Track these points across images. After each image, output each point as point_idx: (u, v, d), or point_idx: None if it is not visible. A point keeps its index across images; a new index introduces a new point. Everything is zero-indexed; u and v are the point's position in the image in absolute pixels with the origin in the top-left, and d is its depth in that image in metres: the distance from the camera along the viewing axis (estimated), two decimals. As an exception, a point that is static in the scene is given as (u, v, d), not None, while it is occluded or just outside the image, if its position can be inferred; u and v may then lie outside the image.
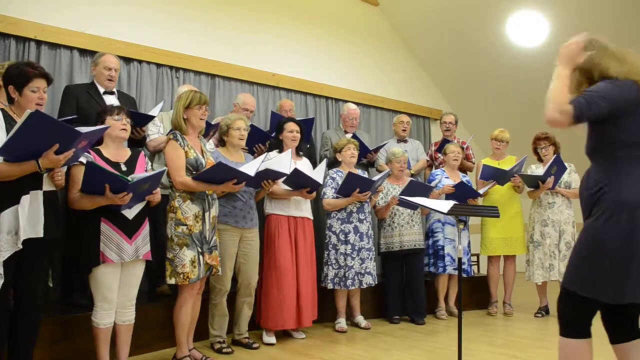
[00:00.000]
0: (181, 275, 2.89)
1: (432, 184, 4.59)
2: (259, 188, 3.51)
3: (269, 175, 3.37)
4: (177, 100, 3.14)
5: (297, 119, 4.50)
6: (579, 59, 1.89)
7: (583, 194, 1.94)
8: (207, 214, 3.02)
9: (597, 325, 1.93)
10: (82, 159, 2.57)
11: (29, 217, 2.32)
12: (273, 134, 4.13)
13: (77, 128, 2.32)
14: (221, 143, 3.53)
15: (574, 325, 1.88)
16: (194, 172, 2.97)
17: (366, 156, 4.77)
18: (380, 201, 4.45)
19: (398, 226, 4.42)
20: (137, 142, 3.59)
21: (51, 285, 2.54)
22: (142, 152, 2.93)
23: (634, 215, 1.76)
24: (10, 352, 2.38)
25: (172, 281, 2.92)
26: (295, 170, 3.58)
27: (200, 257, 2.96)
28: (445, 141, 5.16)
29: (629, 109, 1.81)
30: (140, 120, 3.43)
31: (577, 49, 1.90)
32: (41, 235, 2.35)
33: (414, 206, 4.30)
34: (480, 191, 4.63)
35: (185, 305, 3.01)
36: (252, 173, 3.05)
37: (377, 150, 4.88)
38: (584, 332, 1.87)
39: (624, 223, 1.76)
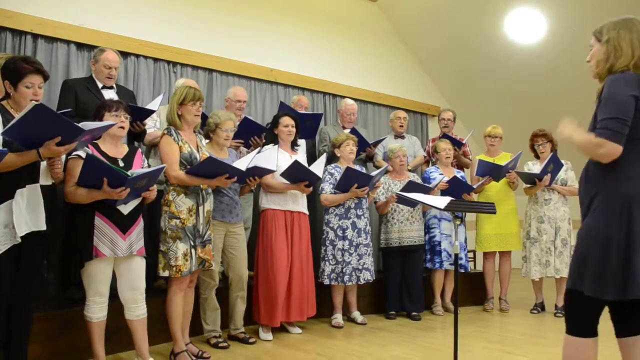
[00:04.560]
0: (174, 268, 2.92)
1: (433, 184, 4.51)
2: (244, 184, 3.52)
3: (256, 172, 3.38)
4: (172, 96, 3.14)
5: (305, 112, 4.49)
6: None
7: (581, 191, 1.94)
8: (201, 208, 3.04)
9: (602, 322, 1.91)
10: (81, 153, 2.56)
11: (29, 210, 2.33)
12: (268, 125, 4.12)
13: (80, 124, 2.34)
14: (207, 138, 3.53)
15: (580, 323, 1.87)
16: (188, 167, 2.98)
17: (365, 150, 4.77)
18: (381, 197, 4.45)
19: (397, 222, 4.43)
20: (136, 136, 3.59)
21: (45, 275, 2.54)
22: (139, 150, 2.94)
23: (630, 209, 1.76)
24: (6, 345, 2.38)
25: (166, 274, 2.95)
26: (296, 162, 3.58)
27: (193, 250, 2.98)
28: (444, 137, 5.16)
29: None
30: (140, 114, 3.42)
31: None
32: (44, 228, 2.37)
33: (412, 204, 4.30)
34: (474, 186, 4.63)
35: (174, 297, 3.01)
36: (243, 167, 3.10)
37: (376, 144, 4.87)
38: (590, 331, 1.86)
39: (620, 217, 1.76)
